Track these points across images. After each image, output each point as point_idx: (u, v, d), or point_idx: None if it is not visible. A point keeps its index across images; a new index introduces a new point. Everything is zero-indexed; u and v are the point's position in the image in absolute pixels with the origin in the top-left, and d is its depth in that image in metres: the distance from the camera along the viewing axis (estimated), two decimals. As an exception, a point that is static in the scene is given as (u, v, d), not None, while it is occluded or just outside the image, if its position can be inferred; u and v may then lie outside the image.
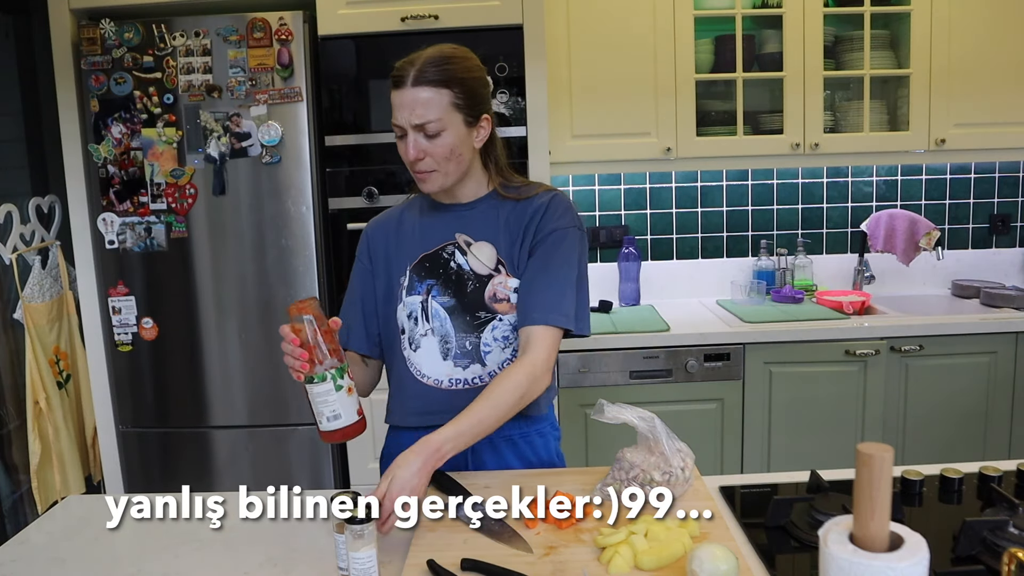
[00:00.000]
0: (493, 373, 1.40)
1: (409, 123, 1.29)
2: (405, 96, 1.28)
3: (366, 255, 1.49)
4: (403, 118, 1.29)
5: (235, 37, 2.28)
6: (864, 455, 0.76)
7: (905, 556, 0.75)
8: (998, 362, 2.50)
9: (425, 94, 1.27)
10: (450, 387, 1.41)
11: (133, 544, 1.26)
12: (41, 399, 2.38)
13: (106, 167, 2.35)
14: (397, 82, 1.30)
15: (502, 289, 1.38)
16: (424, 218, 1.45)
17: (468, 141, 1.34)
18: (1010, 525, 1.07)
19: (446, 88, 1.28)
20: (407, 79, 1.28)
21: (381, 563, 1.06)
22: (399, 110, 1.29)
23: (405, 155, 1.32)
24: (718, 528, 1.15)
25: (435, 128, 1.29)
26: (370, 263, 1.48)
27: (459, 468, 1.41)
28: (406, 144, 1.30)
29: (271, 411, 2.44)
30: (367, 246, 1.49)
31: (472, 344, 1.39)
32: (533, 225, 1.38)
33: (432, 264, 1.41)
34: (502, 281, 1.38)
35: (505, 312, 1.38)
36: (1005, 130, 2.66)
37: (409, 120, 1.28)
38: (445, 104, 1.28)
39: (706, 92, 2.74)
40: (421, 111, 1.27)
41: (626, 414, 1.24)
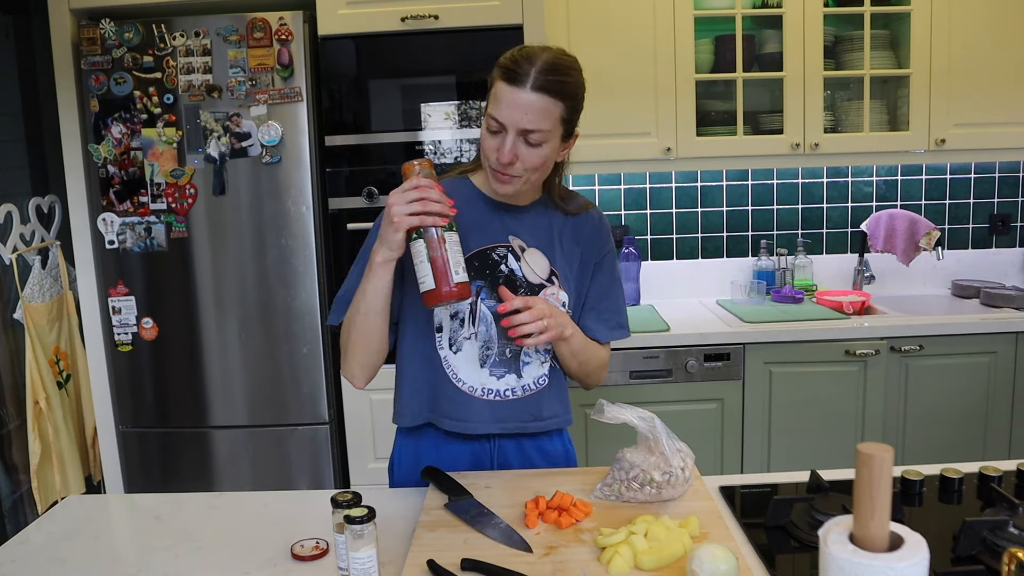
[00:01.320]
0: (527, 387, 1.39)
1: (518, 126, 1.23)
2: (520, 97, 1.21)
3: None
4: (512, 119, 1.22)
5: (235, 37, 2.28)
6: (864, 455, 0.76)
7: (905, 556, 0.75)
8: (998, 362, 2.50)
9: (542, 103, 1.22)
10: (482, 396, 1.37)
11: (133, 544, 1.26)
12: (41, 399, 2.38)
13: (106, 167, 2.35)
14: (513, 79, 1.22)
15: (553, 300, 1.36)
16: (475, 211, 1.37)
17: (556, 155, 1.31)
18: (1010, 525, 1.07)
19: (561, 101, 1.24)
20: (527, 80, 1.21)
21: (381, 563, 1.06)
22: (510, 108, 1.22)
23: (496, 152, 1.25)
24: (718, 528, 1.15)
25: (539, 139, 1.24)
26: None
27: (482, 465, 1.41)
28: (501, 142, 1.24)
29: (271, 411, 2.44)
30: None
31: (512, 352, 1.37)
32: (593, 246, 1.42)
33: (481, 264, 1.35)
34: (554, 293, 1.37)
35: None
36: (1005, 130, 2.66)
37: (519, 123, 1.22)
38: (555, 117, 1.25)
39: (706, 92, 2.74)
40: (534, 118, 1.22)
41: (626, 414, 1.24)
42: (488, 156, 1.28)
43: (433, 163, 1.28)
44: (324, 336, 2.41)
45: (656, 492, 1.23)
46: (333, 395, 2.47)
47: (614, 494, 1.26)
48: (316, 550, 1.17)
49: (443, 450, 1.40)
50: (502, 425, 1.38)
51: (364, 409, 2.46)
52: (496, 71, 1.25)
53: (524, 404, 1.39)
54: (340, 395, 2.47)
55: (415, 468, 1.39)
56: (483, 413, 1.36)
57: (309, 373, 2.42)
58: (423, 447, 1.42)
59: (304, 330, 2.39)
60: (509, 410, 1.38)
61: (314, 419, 2.44)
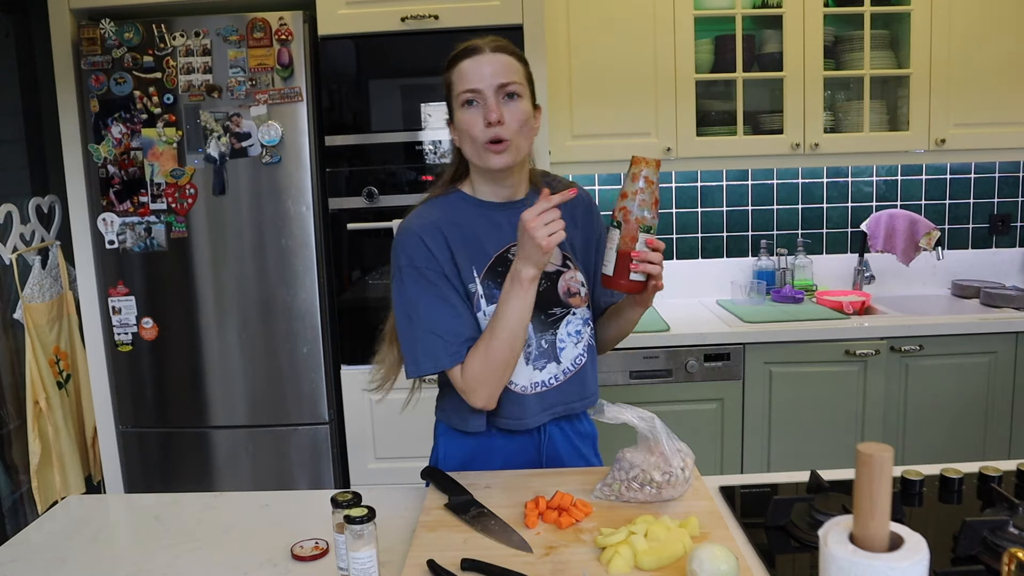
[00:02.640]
0: (568, 370, 1.40)
1: (492, 84, 1.28)
2: (485, 59, 1.29)
3: (431, 259, 1.33)
4: (484, 81, 1.28)
5: (235, 37, 2.28)
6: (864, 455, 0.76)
7: (905, 556, 0.75)
8: (998, 362, 2.50)
9: (506, 58, 1.30)
10: (532, 392, 1.39)
11: (133, 544, 1.26)
12: (41, 399, 2.38)
13: (106, 167, 2.35)
14: (471, 53, 1.30)
15: (574, 283, 1.42)
16: (480, 220, 1.38)
17: (532, 123, 1.35)
18: (1010, 525, 1.07)
19: (520, 63, 1.33)
20: (484, 48, 1.29)
21: (381, 563, 1.06)
22: (477, 74, 1.28)
23: (481, 122, 1.28)
24: (718, 528, 1.15)
25: (515, 89, 1.29)
26: (439, 265, 1.33)
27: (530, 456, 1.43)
28: (485, 109, 1.28)
29: (271, 411, 2.44)
30: (428, 252, 1.33)
31: (548, 342, 1.39)
32: (589, 223, 1.47)
33: (503, 269, 1.34)
34: (572, 275, 1.42)
35: (578, 305, 1.41)
36: (1005, 130, 2.66)
37: (492, 80, 1.28)
38: (522, 74, 1.32)
39: (706, 92, 2.74)
40: (505, 72, 1.29)
41: (626, 414, 1.24)
42: (474, 133, 1.29)
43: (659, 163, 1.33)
44: (324, 336, 2.41)
45: (656, 492, 1.23)
46: (333, 395, 2.47)
47: (614, 494, 1.26)
48: (316, 550, 1.17)
49: (495, 445, 1.42)
50: (552, 411, 1.41)
51: (364, 409, 2.46)
52: (450, 65, 1.33)
53: (568, 386, 1.41)
54: (340, 395, 2.47)
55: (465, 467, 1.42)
56: (535, 407, 1.39)
57: (309, 373, 2.42)
58: (473, 446, 1.44)
59: (304, 330, 2.39)
60: (557, 396, 1.40)
61: (314, 419, 2.44)
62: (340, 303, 2.45)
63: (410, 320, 1.33)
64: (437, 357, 1.32)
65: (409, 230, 1.35)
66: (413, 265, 1.32)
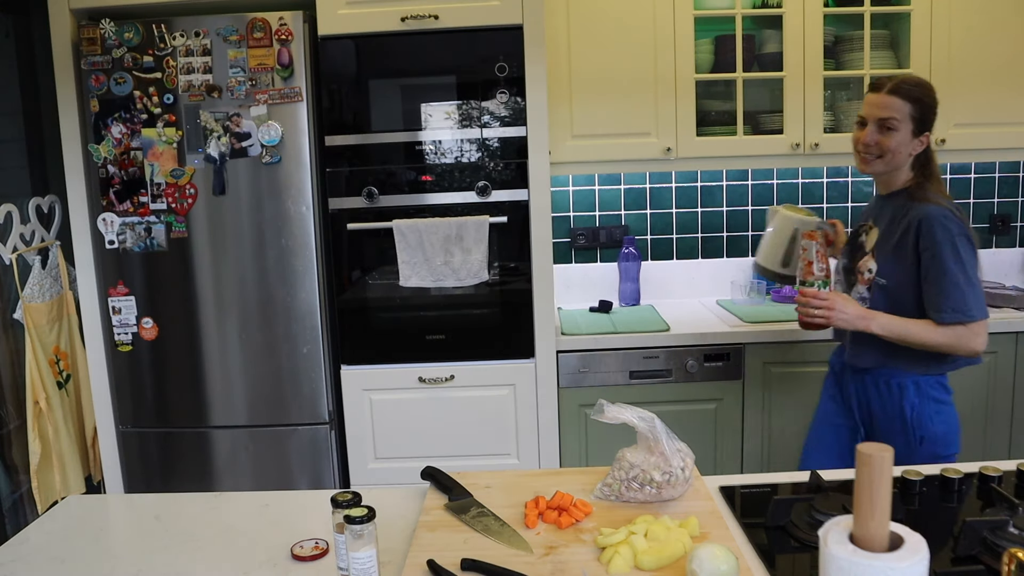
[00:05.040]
0: None
1: (875, 117, 1.77)
2: (878, 98, 1.78)
3: None
4: (872, 112, 1.78)
5: (235, 37, 2.28)
6: (864, 455, 0.76)
7: (905, 556, 0.75)
8: (998, 362, 2.50)
9: (892, 101, 1.75)
10: None
11: (133, 544, 1.26)
12: (41, 399, 2.38)
13: (106, 167, 2.35)
14: (876, 88, 1.80)
15: (863, 265, 1.85)
16: (871, 202, 1.99)
17: (908, 146, 1.77)
18: (1010, 525, 1.07)
19: (908, 102, 1.75)
20: (884, 87, 1.77)
21: (381, 563, 1.06)
22: (871, 106, 1.79)
23: (860, 141, 1.81)
24: (718, 528, 1.15)
25: (891, 124, 1.75)
26: None
27: None
28: (863, 132, 1.80)
29: (271, 411, 2.44)
30: None
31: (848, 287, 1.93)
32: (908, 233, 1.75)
33: (854, 235, 1.94)
34: (866, 260, 1.85)
35: (859, 282, 1.86)
36: (1005, 130, 2.66)
37: (876, 115, 1.77)
38: (904, 112, 1.75)
39: (706, 92, 2.74)
40: (886, 110, 1.75)
41: (626, 414, 1.24)
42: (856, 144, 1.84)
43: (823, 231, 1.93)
44: (324, 336, 2.41)
45: (656, 492, 1.23)
46: (333, 395, 2.47)
47: (614, 494, 1.26)
48: (316, 550, 1.17)
49: None
50: None
51: (364, 409, 2.46)
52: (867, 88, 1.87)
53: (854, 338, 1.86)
54: (340, 395, 2.47)
55: None
56: None
57: (309, 373, 2.42)
58: None
59: (304, 330, 2.39)
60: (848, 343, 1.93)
61: (314, 419, 2.44)
62: (340, 303, 2.45)
63: None
64: None
65: None
66: None
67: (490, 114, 2.35)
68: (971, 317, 1.69)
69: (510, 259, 2.42)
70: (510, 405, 2.44)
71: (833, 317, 1.77)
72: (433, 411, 2.45)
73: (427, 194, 2.38)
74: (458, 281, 2.38)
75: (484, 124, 2.35)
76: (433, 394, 2.44)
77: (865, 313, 1.77)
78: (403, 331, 2.45)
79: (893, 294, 1.79)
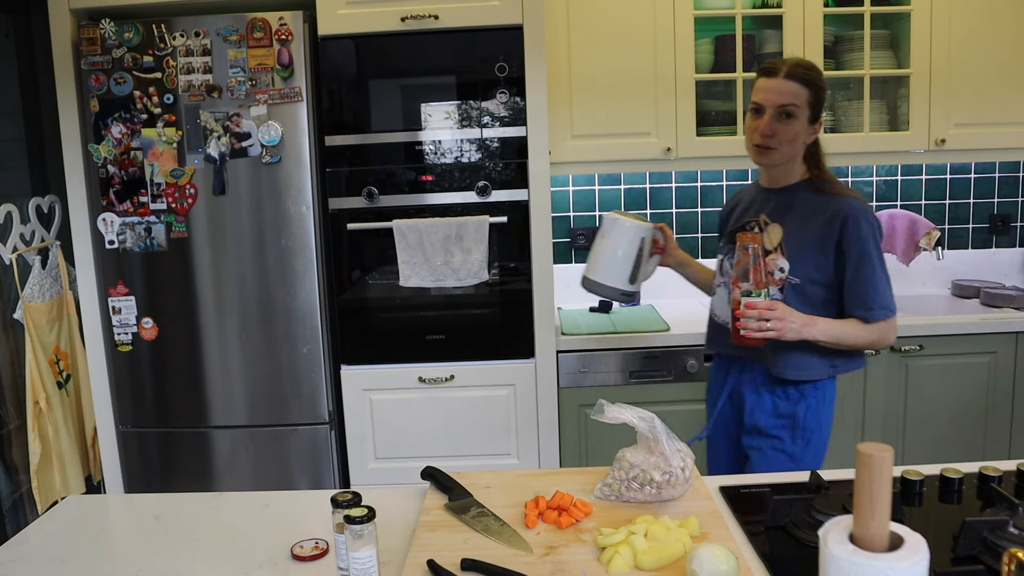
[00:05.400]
0: None
1: (774, 104, 1.65)
2: (774, 83, 1.66)
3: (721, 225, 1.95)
4: (769, 99, 1.65)
5: (235, 37, 2.28)
6: (864, 455, 0.76)
7: (905, 556, 0.75)
8: (998, 362, 2.50)
9: (791, 86, 1.64)
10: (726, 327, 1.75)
11: (133, 544, 1.26)
12: (41, 399, 2.38)
13: (106, 167, 2.35)
14: (769, 73, 1.68)
15: (771, 264, 1.69)
16: (751, 196, 1.85)
17: (805, 135, 1.67)
18: (1010, 525, 1.07)
19: (807, 88, 1.64)
20: (779, 72, 1.66)
21: (381, 563, 1.06)
22: (766, 93, 1.66)
23: (756, 132, 1.67)
24: (718, 528, 1.15)
25: (791, 112, 1.64)
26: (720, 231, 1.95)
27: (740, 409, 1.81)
28: (760, 122, 1.66)
29: (271, 411, 2.44)
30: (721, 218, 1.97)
31: None
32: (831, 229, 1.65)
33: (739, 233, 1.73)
34: (775, 259, 1.70)
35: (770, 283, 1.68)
36: (1005, 130, 2.66)
37: (775, 102, 1.65)
38: (803, 98, 1.64)
39: (706, 92, 2.74)
40: (786, 96, 1.64)
41: (626, 414, 1.24)
42: (752, 135, 1.69)
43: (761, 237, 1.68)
44: (324, 336, 2.41)
45: (656, 492, 1.23)
46: (333, 395, 2.47)
47: (614, 494, 1.26)
48: (316, 550, 1.17)
49: None
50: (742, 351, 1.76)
51: (364, 409, 2.46)
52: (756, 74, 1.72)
53: None
54: (340, 395, 2.47)
55: None
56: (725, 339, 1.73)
57: (309, 373, 2.42)
58: None
59: (304, 330, 2.39)
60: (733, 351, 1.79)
61: (314, 419, 2.44)
62: (340, 303, 2.45)
63: None
64: None
65: None
66: None
67: (490, 114, 2.35)
68: (894, 312, 1.70)
69: (510, 259, 2.42)
70: (510, 405, 2.44)
71: (785, 328, 1.59)
72: (433, 411, 2.45)
73: (427, 194, 2.38)
74: (458, 281, 2.38)
75: (484, 124, 2.35)
76: (433, 394, 2.44)
77: (807, 319, 1.62)
78: (403, 331, 2.45)
79: (805, 293, 1.69)
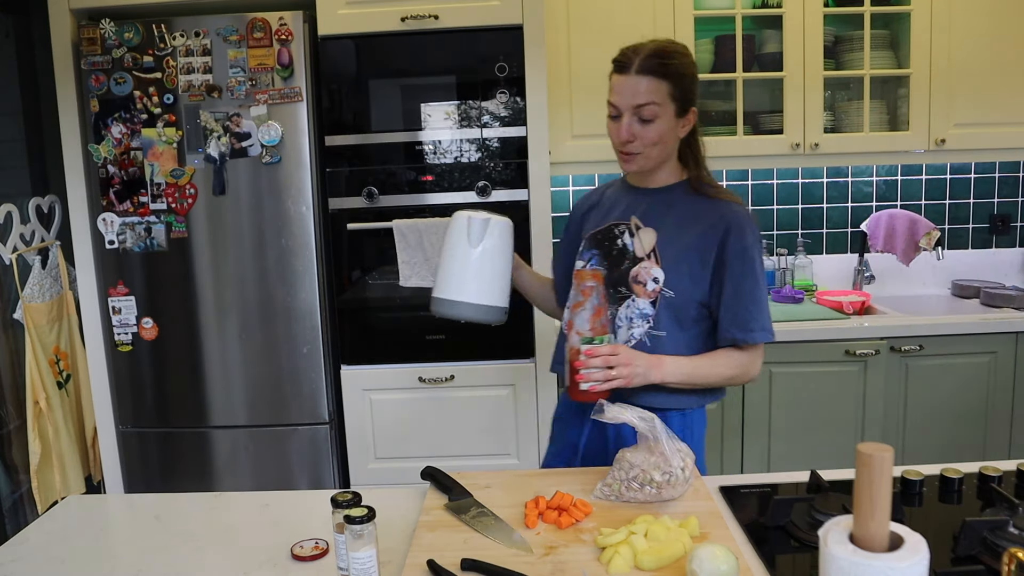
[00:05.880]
0: None
1: (629, 105, 1.40)
2: (627, 81, 1.40)
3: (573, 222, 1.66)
4: (623, 101, 1.41)
5: (235, 37, 2.28)
6: (864, 455, 0.76)
7: (905, 556, 0.75)
8: (998, 362, 2.50)
9: (646, 82, 1.39)
10: None
11: (133, 544, 1.26)
12: (41, 399, 2.38)
13: (106, 167, 2.35)
14: (621, 68, 1.41)
15: (644, 273, 1.48)
16: (617, 195, 1.59)
17: (674, 131, 1.45)
18: (1010, 525, 1.07)
19: (666, 80, 1.39)
20: (631, 66, 1.40)
21: (381, 563, 1.06)
22: (619, 93, 1.42)
23: (616, 135, 1.44)
24: (718, 528, 1.15)
25: (650, 113, 1.40)
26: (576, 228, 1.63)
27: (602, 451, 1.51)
28: (619, 125, 1.42)
29: (271, 411, 2.44)
30: (572, 214, 1.68)
31: (610, 315, 1.48)
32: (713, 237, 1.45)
33: (603, 236, 1.54)
34: (647, 267, 1.48)
35: (639, 295, 1.47)
36: (1005, 130, 2.66)
37: (630, 103, 1.40)
38: (663, 93, 1.40)
39: (706, 92, 2.74)
40: (642, 95, 1.39)
41: (626, 414, 1.24)
42: (613, 141, 1.46)
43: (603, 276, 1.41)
44: (324, 336, 2.41)
45: (656, 492, 1.23)
46: (333, 395, 2.47)
47: (614, 494, 1.26)
48: (316, 550, 1.17)
49: None
50: None
51: (364, 409, 2.46)
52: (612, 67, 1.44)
53: None
54: (340, 395, 2.47)
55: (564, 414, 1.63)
56: None
57: (309, 373, 2.42)
58: None
59: (304, 330, 2.39)
60: None
61: (314, 419, 2.44)
62: (340, 303, 2.45)
63: None
64: None
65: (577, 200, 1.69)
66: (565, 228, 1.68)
67: (490, 114, 2.35)
68: (773, 336, 1.47)
69: (510, 259, 2.42)
70: (510, 405, 2.44)
71: (631, 375, 1.34)
72: (433, 411, 2.45)
73: (427, 194, 2.38)
74: (458, 281, 2.38)
75: (484, 124, 2.35)
76: (433, 394, 2.44)
77: (653, 360, 1.39)
78: (403, 331, 2.45)
79: (677, 308, 1.46)
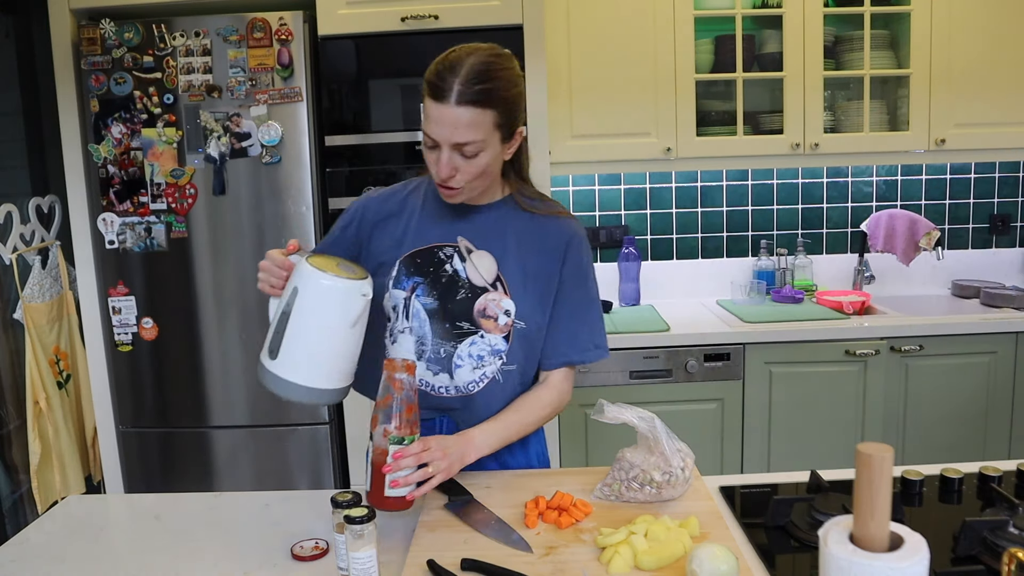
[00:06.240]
0: (461, 391, 1.36)
1: (448, 141, 1.20)
2: (446, 113, 1.18)
3: (355, 226, 1.40)
4: (442, 135, 1.20)
5: (235, 37, 2.28)
6: (864, 455, 0.76)
7: (905, 556, 0.75)
8: (998, 362, 2.50)
9: (468, 115, 1.18)
10: (425, 389, 1.37)
11: (133, 544, 1.26)
12: (41, 399, 2.38)
13: (106, 167, 2.35)
14: (437, 94, 1.18)
15: (493, 307, 1.32)
16: (428, 209, 1.37)
17: (500, 157, 1.28)
18: (1010, 525, 1.07)
19: (490, 109, 1.20)
20: (450, 95, 1.17)
21: (381, 563, 1.06)
22: (438, 125, 1.19)
23: (435, 168, 1.24)
24: (718, 528, 1.15)
25: (474, 150, 1.21)
26: (357, 235, 1.40)
27: None
28: (438, 157, 1.22)
29: (271, 411, 2.44)
30: (360, 217, 1.40)
31: (447, 353, 1.34)
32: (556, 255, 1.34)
33: (424, 261, 1.34)
34: (496, 299, 1.32)
35: (489, 330, 1.33)
36: (1005, 130, 2.66)
37: (449, 139, 1.20)
38: (488, 125, 1.21)
39: (706, 92, 2.74)
40: (463, 132, 1.19)
41: (626, 414, 1.24)
42: (432, 172, 1.26)
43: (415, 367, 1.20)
44: (324, 336, 2.41)
45: (656, 492, 1.23)
46: (333, 395, 2.46)
47: (614, 494, 1.26)
48: (316, 550, 1.17)
49: None
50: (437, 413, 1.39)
51: (364, 409, 2.45)
52: (424, 86, 1.21)
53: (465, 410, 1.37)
54: (340, 395, 2.47)
55: None
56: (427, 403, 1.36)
57: (309, 373, 2.41)
58: None
59: (304, 330, 2.39)
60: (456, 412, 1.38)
61: (314, 419, 2.44)
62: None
63: None
64: None
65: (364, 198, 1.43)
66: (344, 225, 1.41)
67: (490, 114, 2.34)
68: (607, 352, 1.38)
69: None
70: (510, 405, 2.44)
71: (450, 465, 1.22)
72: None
73: (427, 194, 2.38)
74: (458, 281, 2.37)
75: (484, 124, 2.35)
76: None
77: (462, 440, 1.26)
78: (403, 331, 2.45)
79: (530, 339, 1.35)
